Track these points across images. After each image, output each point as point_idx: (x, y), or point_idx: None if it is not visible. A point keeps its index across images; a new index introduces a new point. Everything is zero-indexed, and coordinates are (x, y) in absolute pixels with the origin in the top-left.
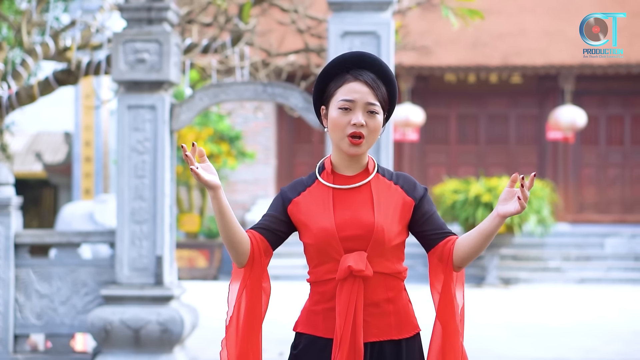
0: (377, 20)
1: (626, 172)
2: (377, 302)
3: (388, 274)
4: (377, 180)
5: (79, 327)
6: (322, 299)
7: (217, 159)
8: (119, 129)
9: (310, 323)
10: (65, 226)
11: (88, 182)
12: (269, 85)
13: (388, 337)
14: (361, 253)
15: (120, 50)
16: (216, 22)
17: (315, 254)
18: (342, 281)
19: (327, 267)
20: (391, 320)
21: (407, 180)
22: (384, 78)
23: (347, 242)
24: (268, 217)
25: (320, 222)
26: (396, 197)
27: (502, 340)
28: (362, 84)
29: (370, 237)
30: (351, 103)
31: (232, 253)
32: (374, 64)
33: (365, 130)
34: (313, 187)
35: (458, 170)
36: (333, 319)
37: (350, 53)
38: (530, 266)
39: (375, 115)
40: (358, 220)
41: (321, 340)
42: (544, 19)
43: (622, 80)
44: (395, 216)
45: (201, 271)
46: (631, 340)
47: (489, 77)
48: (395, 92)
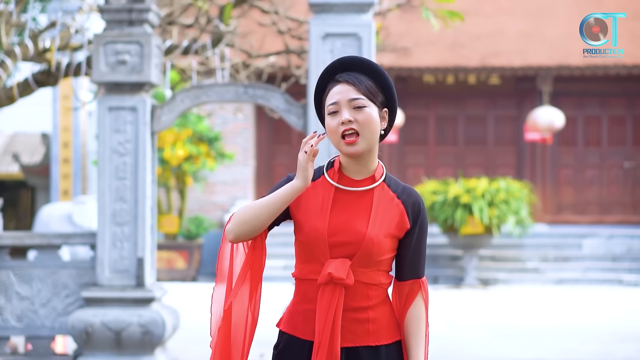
0: (359, 22)
1: (603, 173)
2: (356, 309)
3: (372, 284)
4: (381, 190)
5: (59, 329)
6: (303, 299)
7: (196, 160)
8: (100, 131)
9: (291, 322)
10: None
11: (66, 184)
12: (250, 87)
13: (364, 343)
14: (345, 261)
15: (101, 52)
16: (197, 23)
17: (303, 251)
18: (323, 286)
19: (311, 267)
20: (369, 327)
21: (410, 197)
22: (368, 72)
23: (335, 247)
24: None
25: (314, 221)
26: (395, 212)
27: (482, 341)
28: (342, 84)
29: (360, 246)
30: (336, 105)
31: (248, 232)
32: (354, 63)
33: (356, 125)
34: (318, 182)
35: (437, 171)
36: (312, 321)
37: (332, 62)
38: (509, 267)
39: (362, 109)
40: (351, 227)
41: (299, 341)
42: (522, 20)
43: (599, 81)
44: (389, 231)
45: (180, 272)
46: (609, 341)
47: (467, 78)
48: (385, 82)
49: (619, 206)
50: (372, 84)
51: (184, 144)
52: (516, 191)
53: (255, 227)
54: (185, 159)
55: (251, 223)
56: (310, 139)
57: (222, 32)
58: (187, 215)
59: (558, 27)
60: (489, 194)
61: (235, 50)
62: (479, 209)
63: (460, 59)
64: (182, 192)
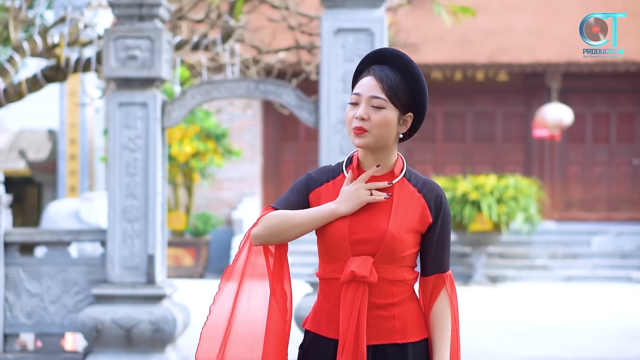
0: (371, 17)
1: (612, 170)
2: (381, 306)
3: (396, 280)
4: (401, 185)
5: (69, 327)
6: (327, 298)
7: (204, 157)
8: (110, 127)
9: (316, 321)
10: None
11: (73, 180)
12: (261, 83)
13: (391, 340)
14: (367, 258)
15: (112, 47)
16: (208, 18)
17: (326, 250)
18: (346, 284)
19: (334, 266)
20: (395, 324)
21: (431, 191)
22: (404, 72)
23: (357, 245)
24: (291, 202)
25: (334, 220)
26: (416, 207)
27: (493, 338)
28: (371, 77)
29: (381, 243)
30: (357, 97)
31: (276, 241)
32: (393, 58)
33: (367, 125)
34: (337, 180)
35: (444, 168)
36: (336, 320)
37: (375, 50)
38: (518, 264)
39: (380, 110)
40: (372, 224)
41: (324, 340)
42: (530, 17)
43: (608, 78)
44: (411, 226)
45: (187, 269)
46: (621, 339)
47: (475, 74)
48: (418, 86)
49: (627, 203)
50: (402, 85)
51: (191, 140)
52: (525, 188)
53: (285, 239)
54: (193, 155)
55: (283, 235)
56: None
57: (232, 27)
58: (194, 212)
59: (566, 24)
60: (497, 191)
61: (245, 46)
62: (487, 206)
63: (469, 56)
64: (190, 188)
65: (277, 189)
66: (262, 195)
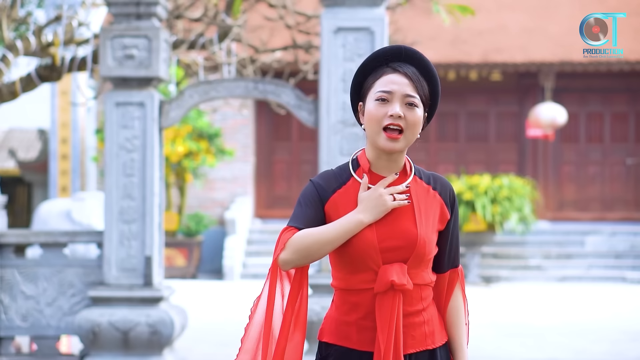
0: (371, 16)
1: (606, 170)
2: (413, 313)
3: (423, 284)
4: (415, 184)
5: (65, 329)
6: (355, 309)
7: (196, 157)
8: (107, 127)
9: (341, 334)
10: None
11: (65, 180)
12: (260, 82)
13: (423, 347)
14: (402, 265)
15: (108, 46)
16: (205, 17)
17: (351, 261)
18: (382, 294)
19: (362, 277)
20: (425, 330)
21: (444, 186)
22: (425, 73)
23: (386, 252)
24: (310, 218)
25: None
26: (435, 204)
27: (490, 339)
28: (402, 75)
29: (413, 249)
30: (389, 94)
31: (306, 262)
32: (414, 58)
33: (403, 123)
34: (348, 186)
35: (438, 168)
36: (368, 331)
37: (390, 46)
38: (511, 264)
39: (414, 108)
40: (400, 230)
41: (356, 353)
42: (524, 16)
43: (601, 77)
44: (434, 226)
45: (180, 270)
46: (619, 340)
47: (468, 74)
48: (437, 90)
49: (621, 203)
50: (427, 88)
51: (183, 140)
52: (519, 188)
53: (315, 259)
54: (185, 155)
55: (314, 256)
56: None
57: (229, 26)
58: (186, 212)
59: (560, 23)
60: (491, 191)
61: (242, 45)
62: (481, 206)
63: (462, 55)
64: (182, 188)
65: (270, 188)
66: (254, 195)
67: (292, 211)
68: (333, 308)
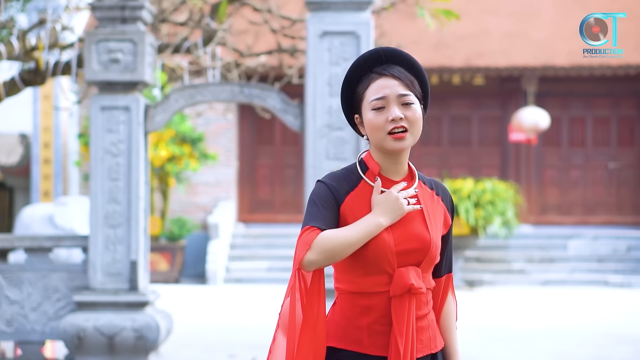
0: (357, 20)
1: (588, 174)
2: (421, 317)
3: (429, 288)
4: (421, 189)
5: (50, 334)
6: (367, 313)
7: (179, 161)
8: (92, 131)
9: (351, 338)
10: (24, 229)
11: (47, 185)
12: (246, 87)
13: (428, 351)
14: (417, 269)
15: (93, 50)
16: (190, 20)
17: (364, 263)
18: (397, 297)
19: (375, 279)
20: (430, 334)
21: (445, 192)
22: (410, 68)
23: (401, 256)
24: (329, 219)
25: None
26: (439, 210)
27: (474, 343)
28: (389, 78)
29: (426, 253)
30: (383, 100)
31: (329, 263)
32: (395, 56)
33: (405, 123)
34: (360, 189)
35: (421, 172)
36: (380, 335)
37: (368, 52)
38: (494, 268)
39: (411, 106)
40: (413, 233)
41: (368, 358)
42: (506, 21)
43: (584, 82)
44: (440, 230)
45: (163, 274)
46: (603, 344)
47: (451, 78)
48: (425, 79)
49: (603, 207)
50: (416, 81)
51: (166, 144)
52: (502, 192)
53: (337, 260)
54: (168, 159)
55: (337, 257)
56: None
57: (214, 30)
58: (169, 217)
59: (543, 28)
60: (474, 195)
61: (226, 50)
62: (464, 210)
63: (445, 59)
64: (165, 193)
65: (253, 193)
66: (237, 199)
67: (274, 215)
68: (337, 311)
